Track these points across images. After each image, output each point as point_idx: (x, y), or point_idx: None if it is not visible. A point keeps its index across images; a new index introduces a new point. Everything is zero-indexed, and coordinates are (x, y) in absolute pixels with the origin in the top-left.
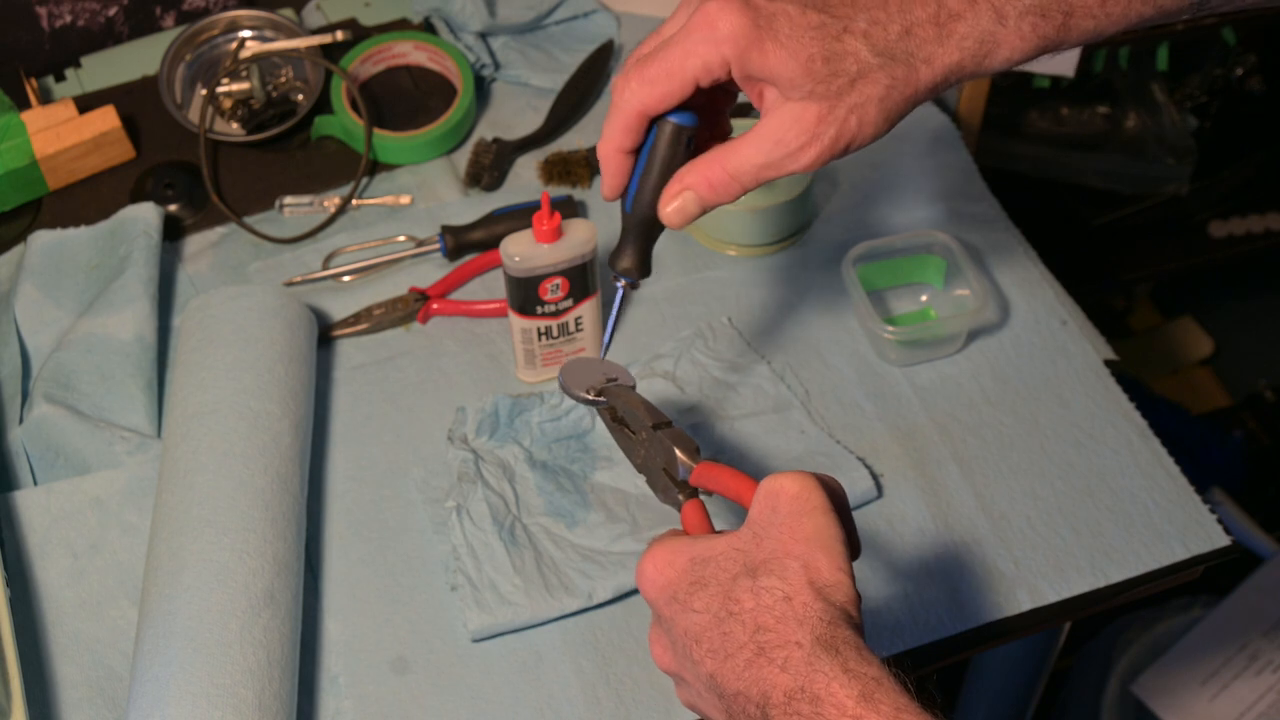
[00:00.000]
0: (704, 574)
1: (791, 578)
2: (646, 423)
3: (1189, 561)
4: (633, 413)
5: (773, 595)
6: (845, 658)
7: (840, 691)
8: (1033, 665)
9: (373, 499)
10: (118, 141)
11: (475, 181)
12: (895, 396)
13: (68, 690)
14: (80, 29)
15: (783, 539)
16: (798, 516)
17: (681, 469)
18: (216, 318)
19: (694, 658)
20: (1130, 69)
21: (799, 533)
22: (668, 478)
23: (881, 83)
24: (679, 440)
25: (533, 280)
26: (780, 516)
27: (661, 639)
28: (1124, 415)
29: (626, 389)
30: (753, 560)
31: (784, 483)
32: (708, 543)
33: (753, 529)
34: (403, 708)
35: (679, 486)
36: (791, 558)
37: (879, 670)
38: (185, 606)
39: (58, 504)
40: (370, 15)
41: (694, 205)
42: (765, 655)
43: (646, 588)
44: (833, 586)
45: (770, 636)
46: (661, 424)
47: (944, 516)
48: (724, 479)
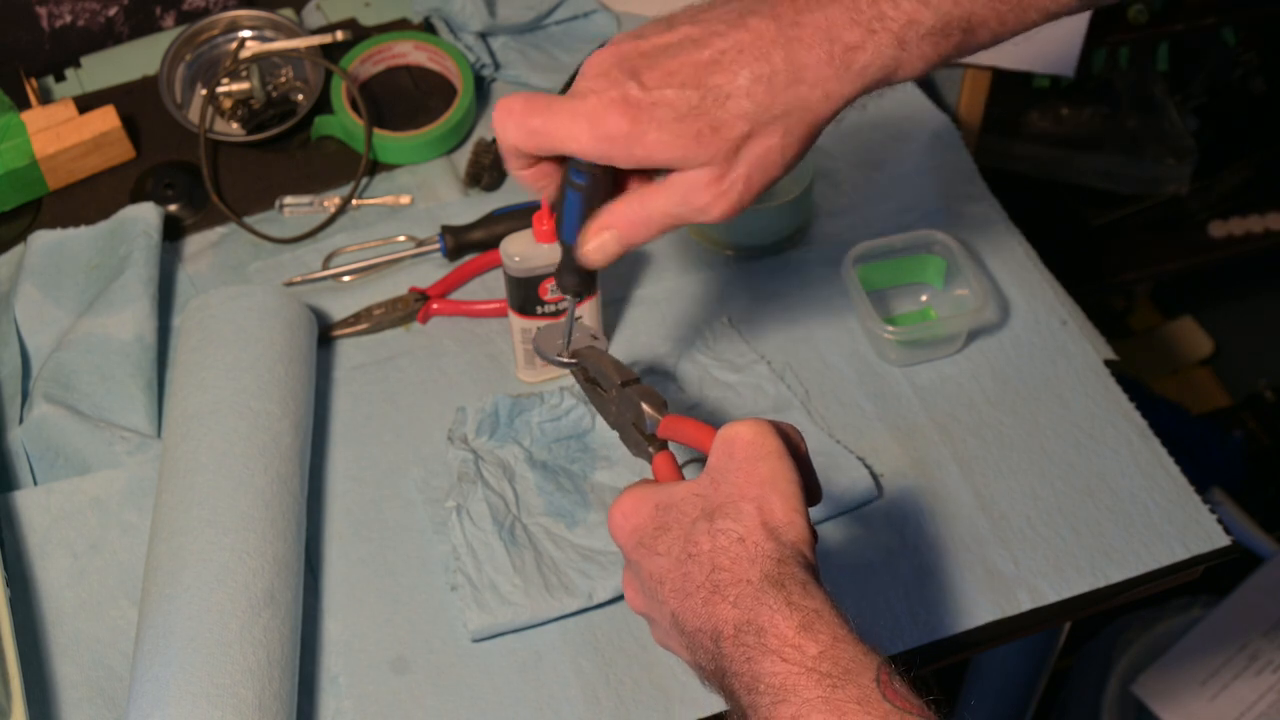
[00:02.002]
0: (667, 519)
1: (745, 519)
2: (616, 380)
3: (1189, 561)
4: (603, 372)
5: (728, 536)
6: (790, 592)
7: (782, 622)
8: (1033, 665)
9: (373, 499)
10: (118, 141)
11: (475, 181)
12: (895, 396)
13: (68, 690)
14: (80, 29)
15: (738, 482)
16: (753, 461)
17: (649, 422)
18: (216, 318)
19: (659, 598)
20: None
21: (754, 476)
22: (638, 432)
23: (776, 133)
24: (646, 396)
25: (533, 280)
26: (736, 462)
27: (632, 582)
28: (1124, 415)
29: (598, 350)
30: (710, 504)
31: (739, 429)
32: (670, 489)
33: (711, 475)
34: (403, 708)
35: (649, 440)
36: (746, 500)
37: (821, 603)
38: (185, 606)
39: (58, 504)
40: (370, 15)
41: (614, 244)
42: (719, 593)
43: (616, 533)
44: (785, 526)
45: (724, 575)
46: (630, 381)
47: (944, 516)
48: (688, 430)
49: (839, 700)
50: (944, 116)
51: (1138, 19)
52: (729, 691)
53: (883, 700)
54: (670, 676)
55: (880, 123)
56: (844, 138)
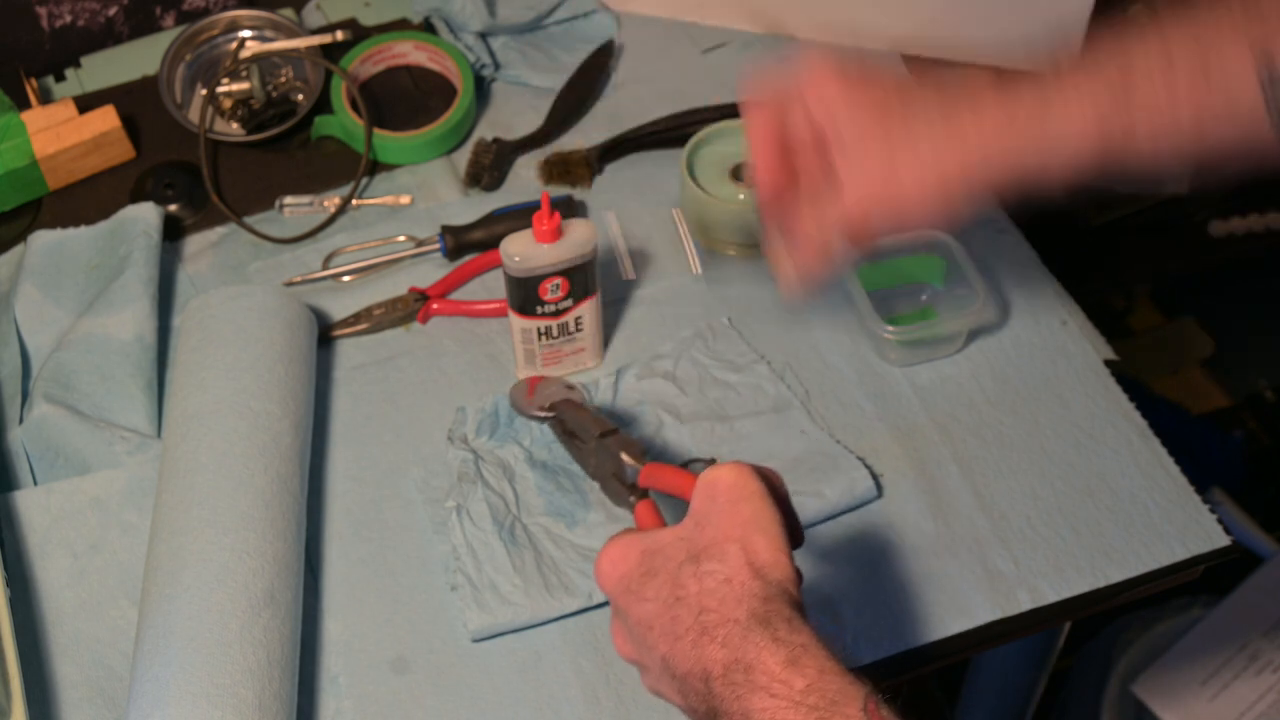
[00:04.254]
0: (653, 564)
1: (731, 560)
2: (594, 432)
3: (1189, 561)
4: (581, 424)
5: (714, 578)
6: (776, 628)
7: (769, 659)
8: (1033, 665)
9: (373, 499)
10: (118, 141)
11: (475, 181)
12: (895, 396)
13: (68, 690)
14: (80, 29)
15: (722, 525)
16: (735, 503)
17: (629, 471)
18: (216, 318)
19: (649, 643)
20: None
21: (736, 518)
22: (618, 482)
23: None
24: (625, 445)
25: (533, 280)
26: (719, 505)
27: (621, 630)
28: (1124, 415)
29: (575, 403)
30: (695, 547)
31: (721, 473)
32: (655, 535)
33: (694, 518)
34: (403, 708)
35: (630, 489)
36: (730, 541)
37: (808, 638)
38: (185, 606)
39: (58, 504)
40: (370, 15)
41: None
42: (708, 634)
43: (603, 582)
44: (770, 565)
45: (712, 616)
46: (608, 432)
47: (944, 516)
48: (668, 477)
49: None
50: None
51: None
52: None
53: None
54: None
55: None
56: None
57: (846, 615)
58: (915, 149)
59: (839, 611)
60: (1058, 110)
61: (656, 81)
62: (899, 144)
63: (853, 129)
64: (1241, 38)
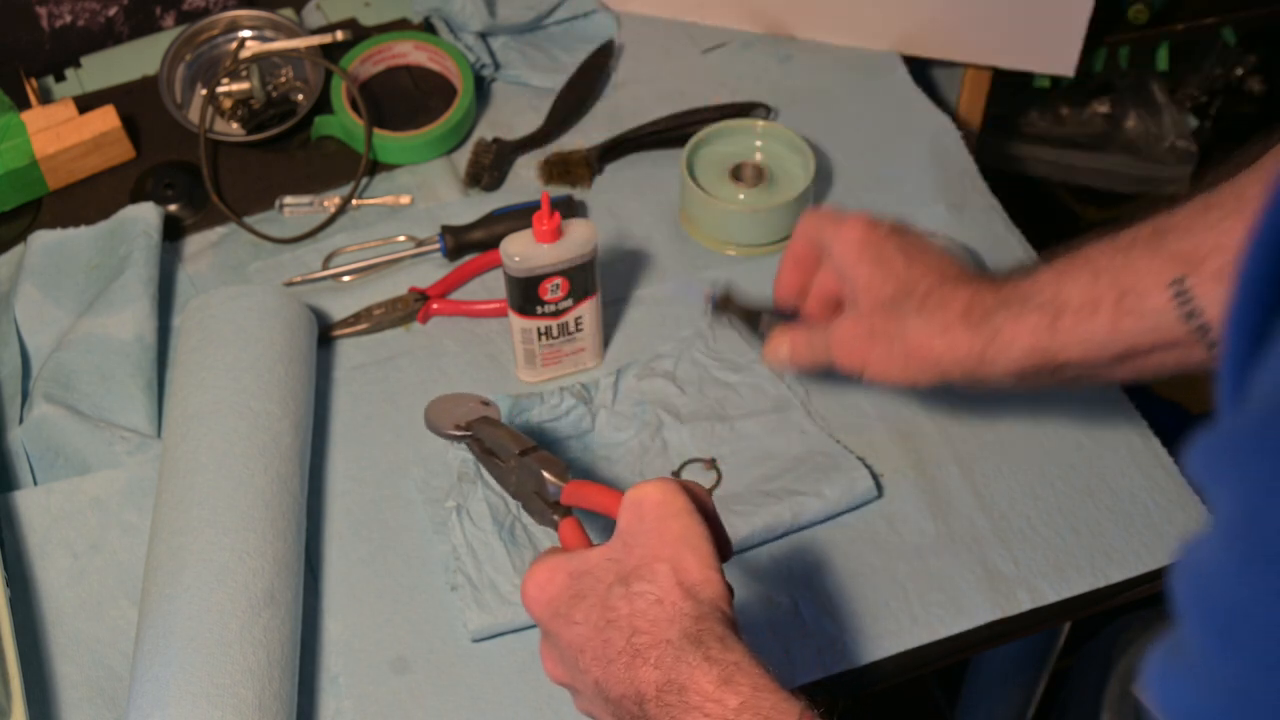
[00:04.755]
0: (582, 587)
1: (661, 580)
2: (514, 450)
3: None
4: (500, 442)
5: (645, 599)
6: (709, 647)
7: (702, 678)
8: (1033, 665)
9: (373, 499)
10: (118, 141)
11: (475, 181)
12: (895, 396)
13: (68, 690)
14: (80, 29)
15: (651, 544)
16: (663, 520)
17: (551, 490)
18: (216, 318)
19: (581, 667)
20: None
21: (666, 536)
22: (541, 501)
23: None
24: (547, 463)
25: (533, 280)
26: (646, 523)
27: (551, 653)
28: (1124, 415)
29: (492, 421)
30: (625, 568)
31: (647, 490)
32: (583, 556)
33: (622, 538)
34: (403, 708)
35: (553, 508)
36: (660, 561)
37: (740, 655)
38: (185, 606)
39: (58, 504)
40: (370, 15)
41: None
42: (641, 656)
43: (531, 606)
44: (701, 584)
45: (644, 638)
46: (528, 449)
47: (944, 516)
48: (592, 495)
49: None
50: (944, 116)
51: (1137, 19)
52: None
53: None
54: None
55: (880, 122)
56: (844, 137)
57: (847, 615)
58: (896, 344)
59: (839, 611)
60: (1006, 337)
61: (656, 81)
62: (883, 334)
63: (865, 300)
64: (1157, 268)
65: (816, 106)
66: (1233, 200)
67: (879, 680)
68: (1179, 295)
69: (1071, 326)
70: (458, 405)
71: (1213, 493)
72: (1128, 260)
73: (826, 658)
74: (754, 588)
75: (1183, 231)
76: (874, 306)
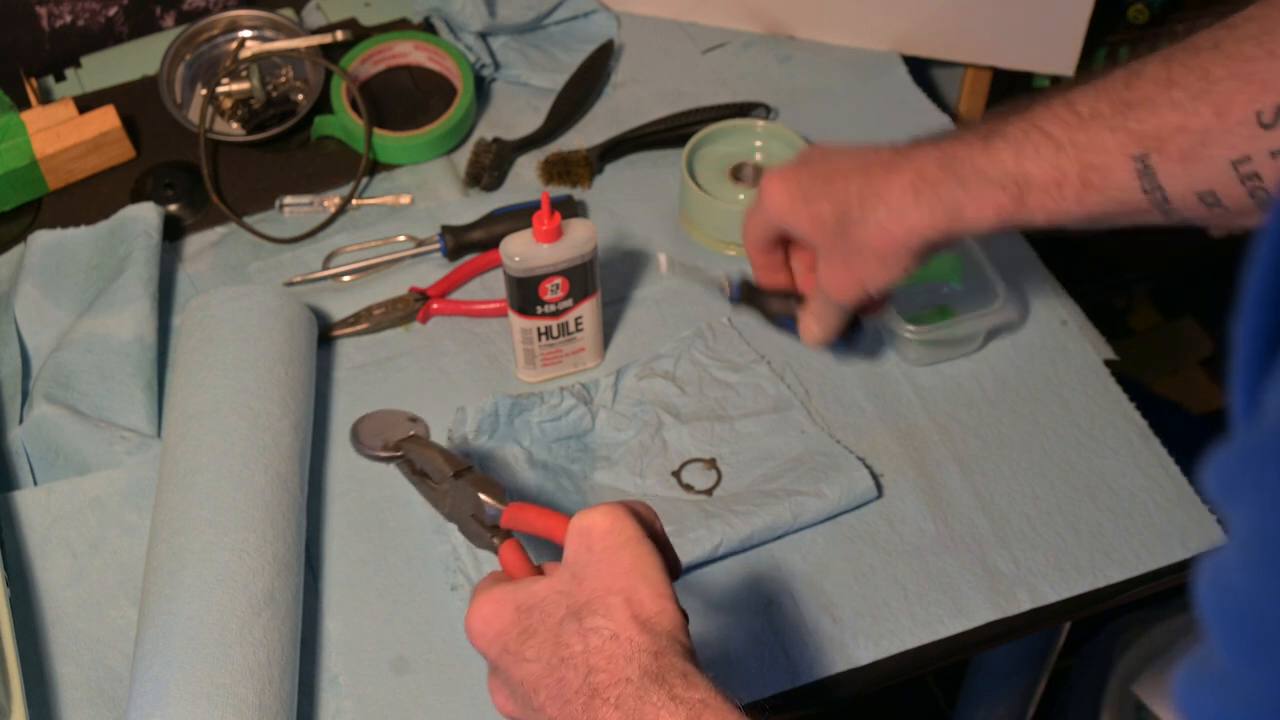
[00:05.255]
0: (530, 622)
1: (616, 614)
2: (448, 472)
3: (1189, 561)
4: (432, 463)
5: (600, 636)
6: (672, 685)
7: (669, 719)
8: (1033, 665)
9: (373, 499)
10: (118, 141)
11: (475, 181)
12: (895, 396)
13: (68, 690)
14: (80, 29)
15: (602, 576)
16: (612, 551)
17: (490, 513)
18: (216, 318)
19: (534, 705)
20: None
21: (617, 567)
22: (478, 524)
23: None
24: (483, 485)
25: (533, 280)
26: (595, 554)
27: (501, 689)
28: (1124, 415)
29: (423, 440)
30: (576, 602)
31: (594, 519)
32: (530, 588)
33: (571, 570)
34: (403, 708)
35: (491, 531)
36: (613, 594)
37: (705, 692)
38: (185, 606)
39: (58, 504)
40: (370, 15)
41: None
42: (599, 696)
43: (476, 641)
44: (656, 615)
45: (602, 677)
46: (462, 470)
47: (944, 516)
48: (533, 519)
49: None
50: (944, 116)
51: (1137, 19)
52: None
53: None
54: None
55: (880, 122)
56: (844, 137)
57: (846, 615)
58: (867, 253)
59: (839, 611)
60: (970, 214)
61: (656, 81)
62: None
63: (821, 238)
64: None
65: (816, 106)
66: (1198, 82)
67: (879, 680)
68: (1142, 171)
69: (1038, 202)
70: (385, 424)
71: (1230, 509)
72: (1089, 135)
73: (826, 658)
74: (754, 588)
75: (1146, 110)
76: (830, 238)
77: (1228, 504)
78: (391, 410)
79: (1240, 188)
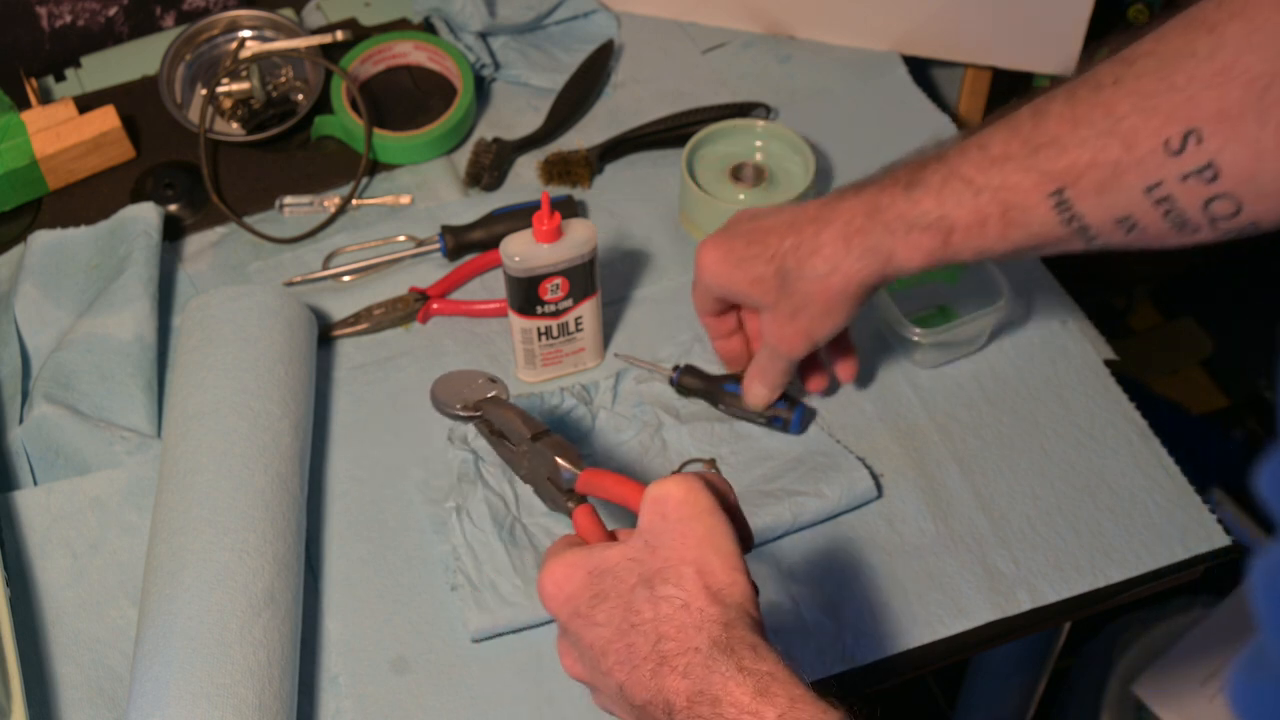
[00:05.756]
0: (602, 586)
1: (687, 584)
2: (525, 434)
3: (1189, 561)
4: (510, 425)
5: (671, 604)
6: (741, 657)
7: (737, 690)
8: (1033, 665)
9: (373, 499)
10: (118, 141)
11: (475, 181)
12: (895, 396)
13: (68, 690)
14: (80, 29)
15: (675, 545)
16: (687, 521)
17: (565, 477)
18: (216, 318)
19: (603, 669)
20: None
21: (690, 537)
22: (554, 487)
23: None
24: (560, 449)
25: (533, 280)
26: (670, 523)
27: (570, 651)
28: (1124, 415)
29: (502, 401)
30: (648, 570)
31: (670, 488)
32: (602, 554)
33: (644, 537)
34: (403, 708)
35: (567, 495)
36: (685, 564)
37: (774, 665)
38: (185, 606)
39: (58, 504)
40: (370, 15)
41: None
42: (668, 664)
43: (548, 603)
44: (728, 587)
45: (671, 645)
46: (540, 434)
47: (944, 516)
48: (610, 486)
49: None
50: (944, 117)
51: (1138, 19)
52: None
53: None
54: None
55: (880, 122)
56: (844, 137)
57: (846, 615)
58: (810, 305)
59: (839, 611)
60: (902, 259)
61: (656, 81)
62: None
63: (761, 296)
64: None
65: (816, 106)
66: (1104, 119)
67: (879, 680)
68: (1059, 205)
69: (964, 241)
70: (465, 383)
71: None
72: (1004, 177)
73: (826, 658)
74: None
75: (1056, 149)
76: (772, 295)
77: None
78: (469, 370)
79: (1156, 211)
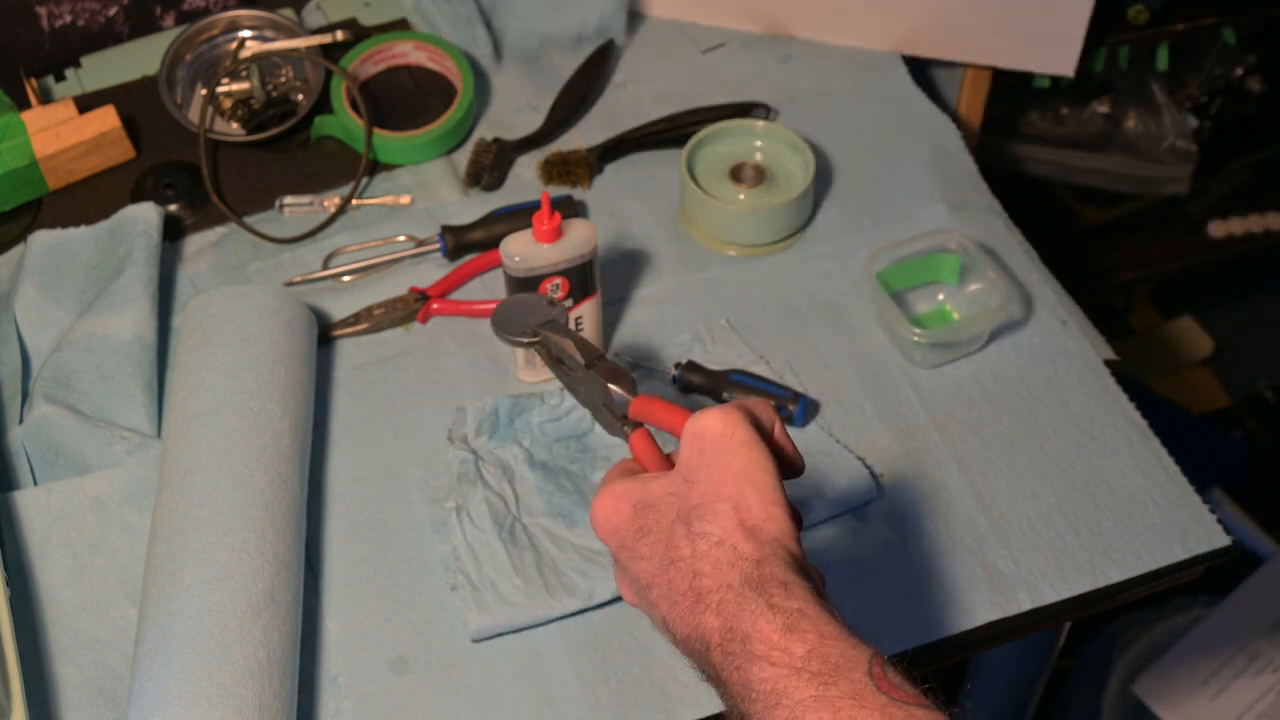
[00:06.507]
0: (646, 521)
1: (723, 520)
2: (580, 360)
3: (1189, 561)
4: (566, 351)
5: (706, 541)
6: (771, 594)
7: (765, 627)
8: (1033, 665)
9: (373, 499)
10: (118, 141)
11: (475, 181)
12: (895, 396)
13: (68, 690)
14: (80, 29)
15: (712, 481)
16: (723, 455)
17: (619, 401)
18: (216, 318)
19: (650, 600)
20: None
21: (727, 472)
22: (609, 412)
23: None
24: (613, 375)
25: (533, 280)
26: (707, 457)
27: (624, 579)
28: (1124, 415)
29: (560, 326)
30: (686, 505)
31: (707, 422)
32: (647, 487)
33: (683, 472)
34: (403, 708)
35: (622, 420)
36: (721, 500)
37: (804, 602)
38: (185, 606)
39: (58, 504)
40: (370, 15)
41: None
42: (703, 600)
43: (599, 532)
44: (764, 522)
45: (706, 582)
46: (594, 359)
47: (944, 516)
48: (658, 413)
49: (832, 697)
50: (944, 116)
51: (1138, 19)
52: (725, 697)
53: (878, 693)
54: (670, 677)
55: (880, 122)
56: (844, 137)
57: (846, 615)
58: None
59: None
60: None
61: (656, 81)
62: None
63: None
64: None
65: (816, 106)
66: None
67: None
68: None
69: None
70: (527, 309)
71: None
72: None
73: None
74: None
75: None
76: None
77: None
78: (530, 295)
79: None
